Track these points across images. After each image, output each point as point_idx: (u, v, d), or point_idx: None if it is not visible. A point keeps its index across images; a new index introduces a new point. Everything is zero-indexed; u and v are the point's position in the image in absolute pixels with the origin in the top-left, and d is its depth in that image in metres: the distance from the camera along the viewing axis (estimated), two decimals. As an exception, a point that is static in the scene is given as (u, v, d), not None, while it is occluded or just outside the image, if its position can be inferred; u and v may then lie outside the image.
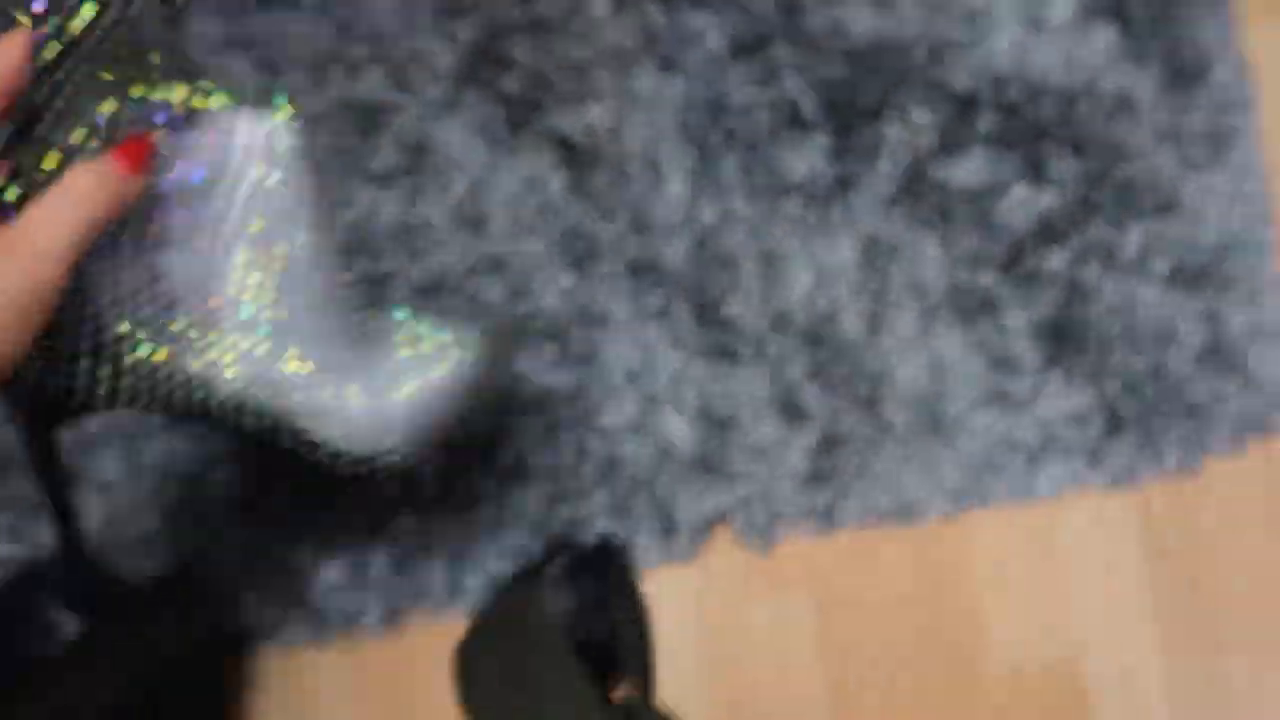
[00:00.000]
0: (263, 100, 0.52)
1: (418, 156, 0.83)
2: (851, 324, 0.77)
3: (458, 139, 0.84)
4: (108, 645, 0.67)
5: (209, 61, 0.59)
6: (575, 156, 0.84)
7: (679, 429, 0.77)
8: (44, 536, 0.75)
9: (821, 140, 0.81)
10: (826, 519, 0.76)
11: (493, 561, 0.77)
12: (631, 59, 0.85)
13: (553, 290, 0.81)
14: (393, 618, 0.78)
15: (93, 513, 0.76)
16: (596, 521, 0.77)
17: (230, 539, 0.77)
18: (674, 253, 0.81)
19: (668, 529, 0.77)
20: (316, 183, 0.53)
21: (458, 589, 0.78)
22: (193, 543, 0.76)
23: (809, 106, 0.82)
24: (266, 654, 0.77)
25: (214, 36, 0.83)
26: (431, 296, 0.80)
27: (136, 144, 0.42)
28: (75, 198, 0.37)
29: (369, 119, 0.84)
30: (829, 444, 0.76)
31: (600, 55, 0.84)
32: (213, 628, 0.75)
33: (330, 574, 0.77)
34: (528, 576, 0.74)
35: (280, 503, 0.77)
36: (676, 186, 0.82)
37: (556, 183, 0.83)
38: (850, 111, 0.82)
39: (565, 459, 0.78)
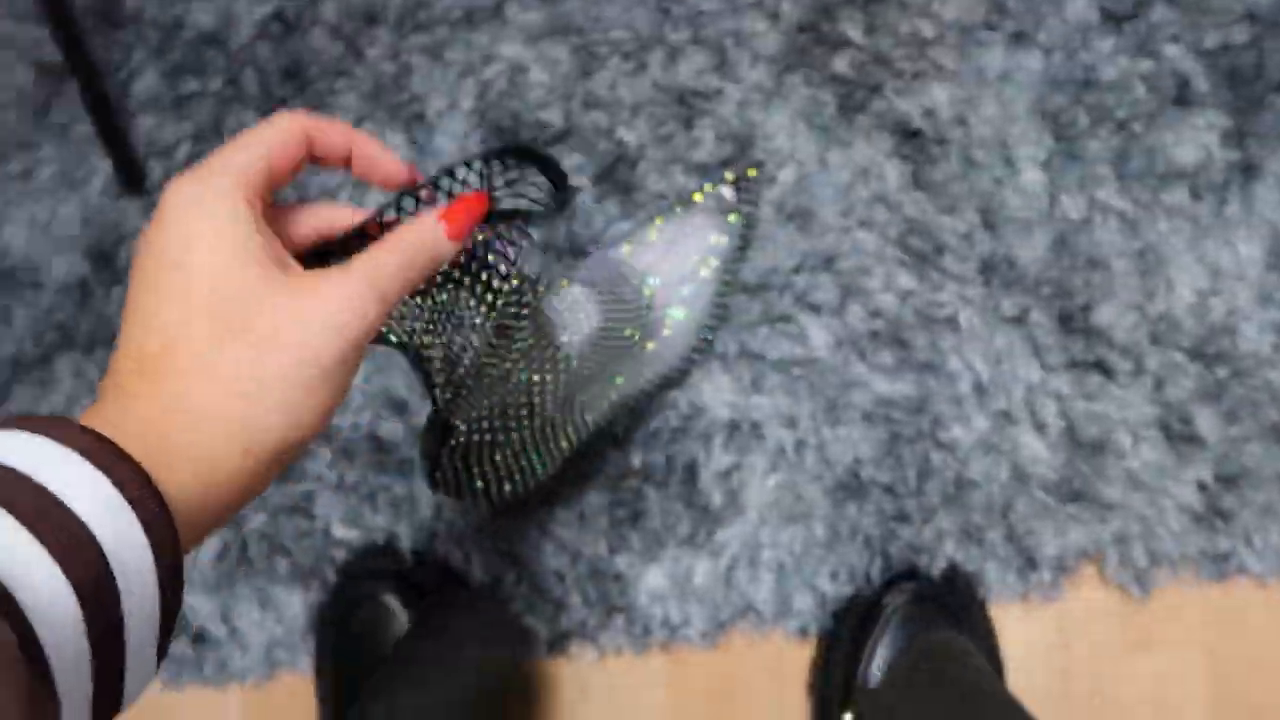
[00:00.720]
0: None
1: (740, 147, 0.78)
2: (1255, 337, 0.66)
3: (783, 127, 0.78)
4: (437, 656, 0.67)
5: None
6: (915, 143, 0.76)
7: (1038, 450, 0.69)
8: (379, 522, 0.76)
9: (1215, 119, 0.70)
10: (1221, 565, 0.66)
11: (824, 581, 0.72)
12: (979, 32, 0.76)
13: (892, 290, 0.74)
14: (715, 632, 0.74)
15: (425, 501, 0.76)
16: (943, 547, 0.70)
17: (555, 539, 0.75)
18: (1031, 251, 0.72)
19: (1026, 562, 0.69)
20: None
21: (785, 608, 0.73)
22: (519, 540, 0.75)
23: (1199, 80, 0.71)
24: (582, 659, 0.75)
25: (534, 24, 0.81)
26: (757, 294, 0.76)
27: (464, 211, 0.41)
28: (406, 247, 0.38)
29: (688, 106, 0.80)
30: (1227, 478, 0.66)
31: (944, 29, 0.76)
32: (531, 633, 0.73)
33: (653, 581, 0.74)
34: (867, 606, 0.68)
35: (599, 505, 0.75)
36: (1033, 175, 0.73)
37: (894, 173, 0.76)
38: (1252, 84, 0.70)
39: (907, 476, 0.71)
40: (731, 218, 0.74)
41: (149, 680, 0.31)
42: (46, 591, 0.26)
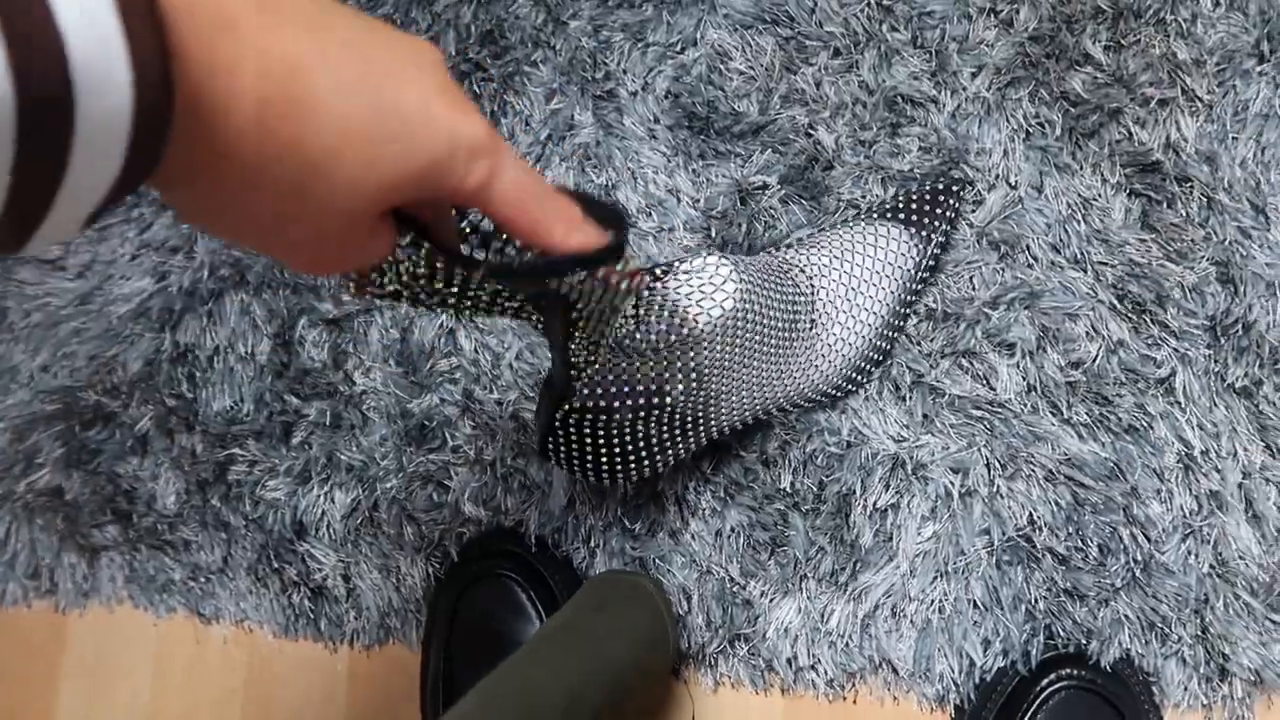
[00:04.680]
0: None
1: (945, 162, 0.74)
2: None
3: (1000, 145, 0.73)
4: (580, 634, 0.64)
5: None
6: (1150, 179, 0.70)
7: (1250, 543, 0.61)
8: (510, 505, 0.75)
9: None
10: None
11: (974, 648, 0.66)
12: (1245, 61, 0.69)
13: (1099, 339, 0.68)
14: (844, 682, 0.69)
15: (559, 492, 0.75)
16: (1118, 635, 0.63)
17: (686, 552, 0.73)
18: (1274, 316, 0.64)
19: (1217, 670, 0.61)
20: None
21: (925, 670, 0.67)
22: (648, 546, 0.73)
23: None
24: (695, 684, 0.72)
25: (744, 11, 0.79)
26: (943, 323, 0.71)
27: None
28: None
29: (896, 112, 0.75)
30: None
31: (1204, 54, 0.69)
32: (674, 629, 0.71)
33: (785, 614, 0.70)
34: (1019, 685, 0.63)
35: (739, 524, 0.72)
36: (1288, 230, 0.66)
37: (1120, 209, 0.70)
38: None
39: (1088, 548, 0.65)
40: (923, 234, 0.69)
41: (69, 228, 0.28)
42: None
